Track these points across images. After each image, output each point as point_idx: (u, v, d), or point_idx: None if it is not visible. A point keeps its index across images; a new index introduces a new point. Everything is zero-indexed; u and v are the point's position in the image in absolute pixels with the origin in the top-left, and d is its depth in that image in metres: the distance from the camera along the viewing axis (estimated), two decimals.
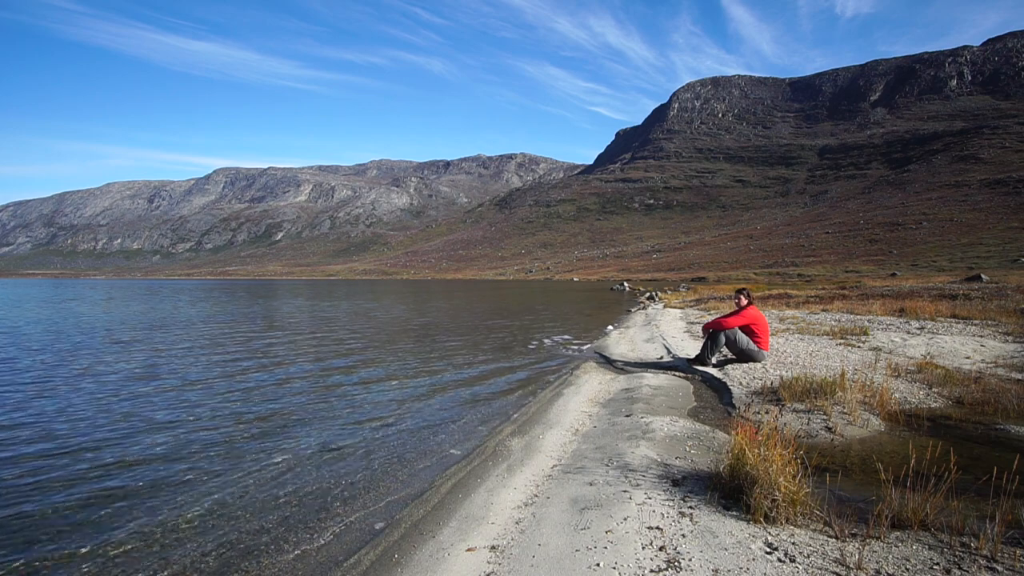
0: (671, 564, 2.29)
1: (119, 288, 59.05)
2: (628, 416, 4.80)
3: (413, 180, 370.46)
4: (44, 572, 2.69)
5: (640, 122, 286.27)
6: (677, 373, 6.97)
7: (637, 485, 3.15)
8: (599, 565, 2.34)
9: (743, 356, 6.79)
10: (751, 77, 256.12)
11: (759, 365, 6.60)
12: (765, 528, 2.55)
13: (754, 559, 2.29)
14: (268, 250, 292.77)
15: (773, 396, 5.07)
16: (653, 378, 6.57)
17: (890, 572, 2.15)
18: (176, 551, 2.86)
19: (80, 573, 2.67)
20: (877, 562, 2.22)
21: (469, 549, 2.67)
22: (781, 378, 5.50)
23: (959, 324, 9.83)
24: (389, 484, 3.70)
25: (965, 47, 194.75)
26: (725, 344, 6.82)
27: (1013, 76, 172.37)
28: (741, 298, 7.11)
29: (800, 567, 2.21)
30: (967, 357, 6.77)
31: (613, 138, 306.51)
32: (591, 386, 6.57)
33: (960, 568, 2.15)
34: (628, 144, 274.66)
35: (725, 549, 2.38)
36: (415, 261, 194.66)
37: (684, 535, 2.52)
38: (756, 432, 3.09)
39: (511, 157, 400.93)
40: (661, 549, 2.41)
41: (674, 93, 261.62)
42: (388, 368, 8.28)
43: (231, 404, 5.95)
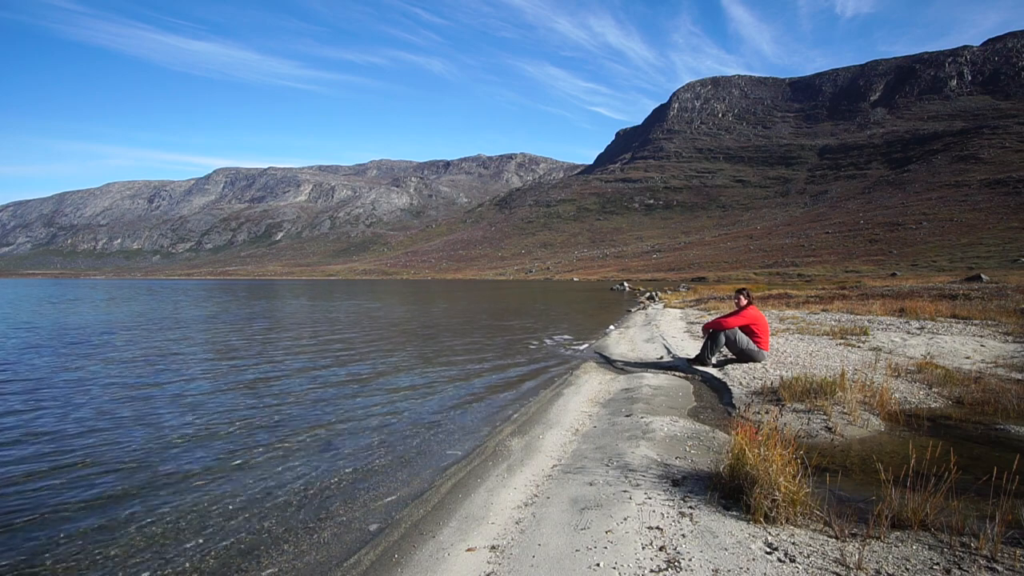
0: (671, 564, 2.29)
1: (119, 288, 59.06)
2: (628, 416, 4.80)
3: (413, 180, 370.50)
4: (44, 572, 2.69)
5: (640, 122, 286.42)
6: (677, 373, 6.97)
7: (637, 485, 3.15)
8: (599, 565, 2.34)
9: (743, 356, 6.79)
10: (751, 77, 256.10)
11: (759, 365, 6.60)
12: (765, 528, 2.55)
13: (754, 559, 2.29)
14: (268, 250, 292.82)
15: (773, 396, 5.07)
16: (653, 378, 6.57)
17: (890, 572, 2.15)
18: (176, 551, 2.86)
19: (80, 573, 2.68)
20: (877, 562, 2.22)
21: (469, 549, 2.67)
22: (781, 378, 5.50)
23: (959, 324, 9.83)
24: (389, 484, 3.70)
25: (965, 47, 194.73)
26: (725, 344, 6.82)
27: (1013, 76, 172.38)
28: (741, 298, 7.11)
29: (800, 567, 2.21)
30: (967, 357, 6.77)
31: (613, 138, 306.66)
32: (591, 386, 6.57)
33: (960, 568, 2.15)
34: (628, 144, 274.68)
35: (725, 549, 2.38)
36: (415, 261, 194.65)
37: (684, 535, 2.52)
38: (756, 432, 3.09)
39: (511, 157, 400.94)
40: (661, 549, 2.41)
41: (674, 93, 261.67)
42: (389, 368, 8.28)
43: (231, 404, 5.95)
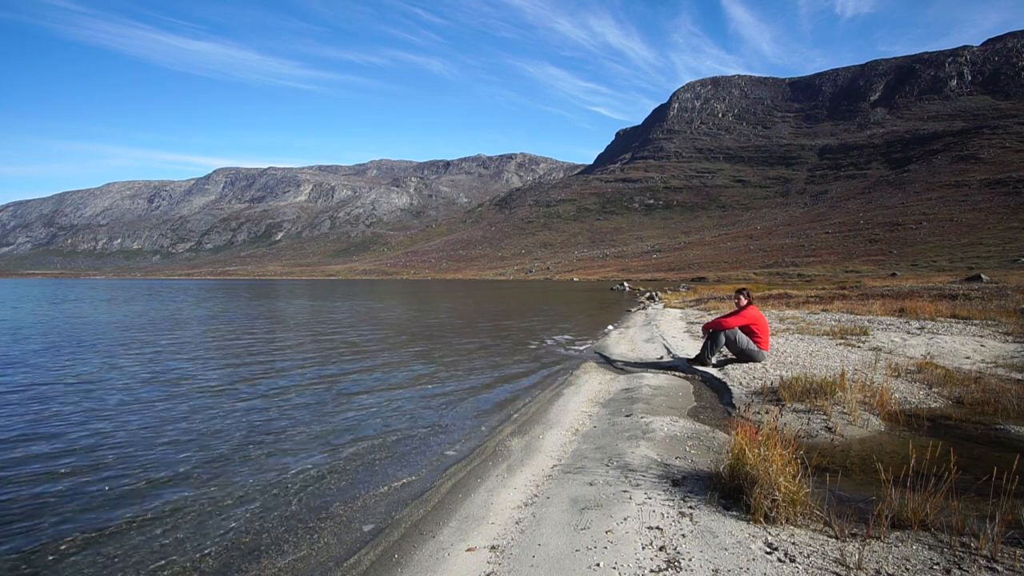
0: (671, 564, 2.29)
1: (120, 288, 59.06)
2: (628, 416, 4.80)
3: (413, 180, 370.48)
4: (44, 571, 2.70)
5: (640, 122, 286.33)
6: (677, 373, 6.97)
7: (637, 485, 3.15)
8: (599, 565, 2.34)
9: (743, 356, 6.79)
10: (751, 77, 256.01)
11: (759, 365, 6.60)
12: (765, 528, 2.55)
13: (754, 559, 2.29)
14: (268, 250, 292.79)
15: (773, 396, 5.07)
16: (653, 378, 6.57)
17: (890, 572, 2.15)
18: (176, 551, 2.86)
19: (80, 572, 2.68)
20: (877, 562, 2.22)
21: (469, 549, 2.67)
22: (781, 378, 5.50)
23: (959, 324, 9.82)
24: (389, 484, 3.70)
25: (965, 47, 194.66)
26: (725, 344, 6.82)
27: (1013, 76, 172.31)
28: (741, 298, 7.11)
29: (800, 567, 2.21)
30: (967, 357, 6.77)
31: (613, 138, 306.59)
32: (591, 386, 6.57)
33: (960, 568, 2.15)
34: (628, 144, 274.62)
35: (725, 549, 2.38)
36: (415, 261, 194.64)
37: (684, 535, 2.52)
38: (756, 432, 3.09)
39: (511, 157, 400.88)
40: (661, 549, 2.41)
41: (674, 93, 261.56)
42: (389, 368, 8.28)
43: (232, 403, 5.95)
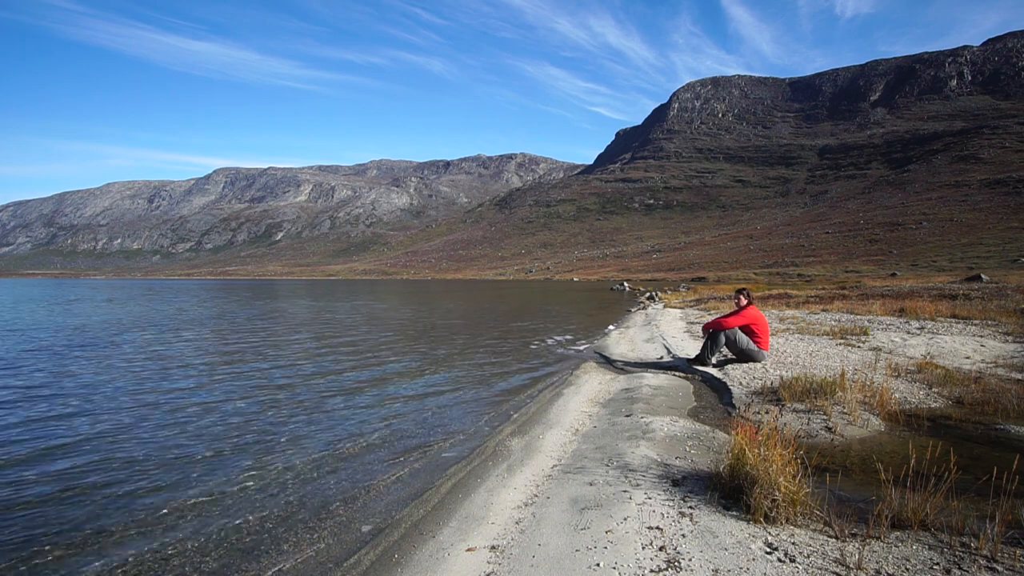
0: (671, 564, 2.29)
1: (120, 289, 59.06)
2: (628, 416, 4.80)
3: (413, 180, 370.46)
4: (45, 571, 2.69)
5: (640, 122, 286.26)
6: (677, 373, 6.97)
7: (637, 485, 3.15)
8: (599, 565, 2.34)
9: (743, 356, 6.79)
10: (751, 77, 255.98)
11: (759, 365, 6.60)
12: (765, 528, 2.55)
13: (754, 559, 2.29)
14: (268, 250, 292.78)
15: (773, 396, 5.07)
16: (653, 378, 6.57)
17: (890, 572, 2.15)
18: (176, 551, 2.86)
19: (80, 572, 2.68)
20: (877, 562, 2.22)
21: (469, 549, 2.67)
22: (781, 378, 5.50)
23: (959, 324, 9.82)
24: (389, 484, 3.70)
25: (965, 47, 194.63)
26: (725, 344, 6.82)
27: (1013, 76, 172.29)
28: (741, 298, 7.11)
29: (800, 567, 2.21)
30: (967, 357, 6.77)
31: (613, 138, 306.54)
32: (591, 386, 6.57)
33: (960, 568, 2.15)
34: (628, 144, 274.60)
35: (725, 549, 2.38)
36: (415, 261, 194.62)
37: (684, 535, 2.52)
38: (756, 432, 3.09)
39: (511, 157, 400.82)
40: (661, 549, 2.41)
41: (674, 93, 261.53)
42: (389, 368, 8.28)
43: (232, 403, 5.96)
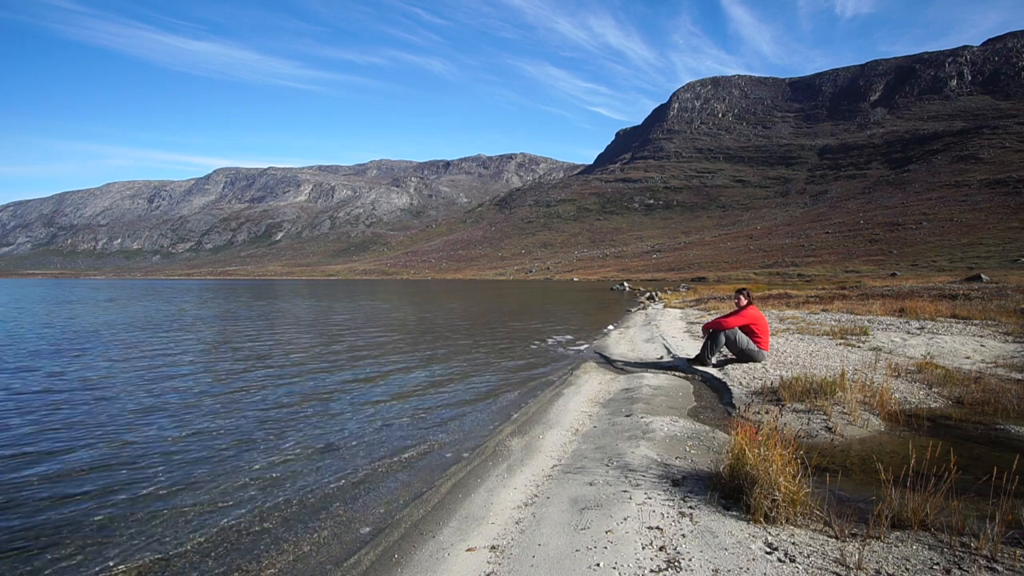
0: (671, 564, 2.29)
1: (120, 289, 59.05)
2: (628, 416, 4.81)
3: (413, 180, 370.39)
4: (45, 571, 2.69)
5: (640, 122, 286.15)
6: (677, 373, 6.97)
7: (637, 485, 3.15)
8: (599, 565, 2.34)
9: (743, 356, 6.79)
10: (751, 77, 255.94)
11: (759, 365, 6.60)
12: (765, 528, 2.55)
13: (754, 559, 2.29)
14: (268, 250, 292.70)
15: (773, 396, 5.07)
16: (653, 378, 6.57)
17: (890, 572, 2.15)
18: (176, 551, 2.86)
19: (80, 572, 2.68)
20: (877, 562, 2.22)
21: (469, 549, 2.67)
22: (781, 378, 5.50)
23: (959, 324, 9.82)
24: (389, 484, 3.70)
25: (965, 47, 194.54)
26: (725, 344, 6.82)
27: (1013, 76, 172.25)
28: (741, 298, 7.11)
29: (800, 567, 2.22)
30: (967, 357, 6.77)
31: (613, 138, 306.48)
32: (591, 386, 6.57)
33: (960, 568, 2.15)
34: (628, 144, 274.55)
35: (725, 549, 2.38)
36: (415, 261, 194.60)
37: (684, 535, 2.52)
38: (756, 432, 3.09)
39: (511, 157, 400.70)
40: (661, 549, 2.41)
41: (674, 93, 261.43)
42: (389, 368, 8.28)
43: (232, 403, 5.96)
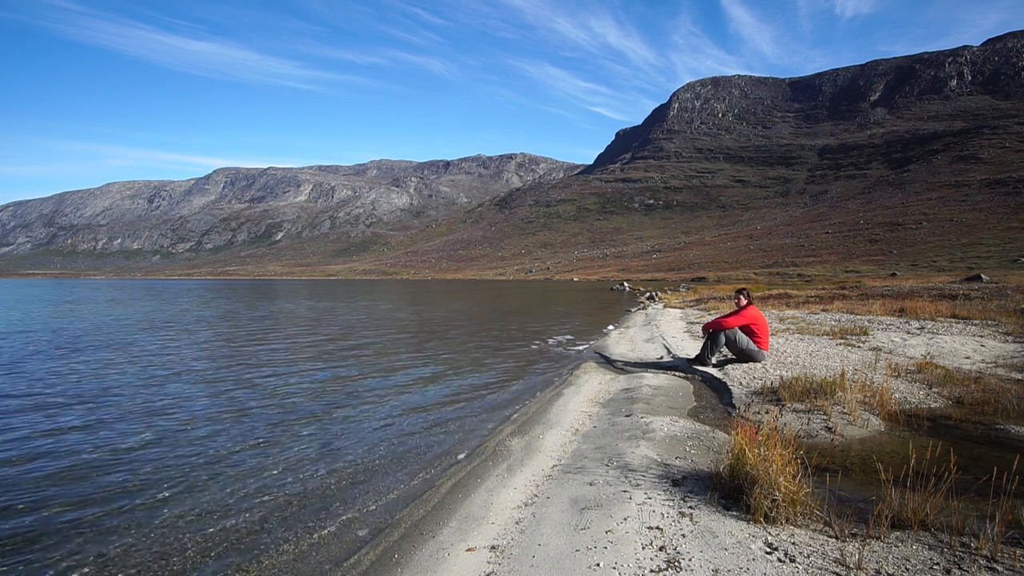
0: (671, 564, 2.29)
1: (121, 289, 59.05)
2: (628, 416, 4.81)
3: (413, 180, 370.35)
4: (44, 571, 2.69)
5: (640, 122, 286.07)
6: (677, 373, 6.97)
7: (637, 485, 3.15)
8: (599, 565, 2.34)
9: (743, 356, 6.79)
10: (751, 77, 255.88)
11: (759, 365, 6.60)
12: (765, 528, 2.55)
13: (754, 559, 2.29)
14: (268, 250, 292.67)
15: (773, 396, 5.07)
16: (653, 378, 6.57)
17: (890, 572, 2.15)
18: (176, 550, 2.86)
19: (80, 572, 2.68)
20: (877, 562, 2.22)
21: (469, 549, 2.67)
22: (781, 378, 5.50)
23: (959, 324, 9.82)
24: (389, 484, 3.70)
25: (965, 47, 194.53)
26: (725, 344, 6.82)
27: (1013, 76, 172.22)
28: (741, 298, 7.11)
29: (800, 567, 2.22)
30: (967, 357, 6.77)
31: (613, 138, 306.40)
32: (591, 386, 6.57)
33: (960, 568, 2.15)
34: (628, 144, 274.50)
35: (725, 549, 2.38)
36: (415, 261, 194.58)
37: (684, 535, 2.52)
38: (756, 432, 3.09)
39: (511, 157, 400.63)
40: (661, 549, 2.41)
41: (674, 93, 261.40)
42: (389, 368, 8.28)
43: (233, 403, 5.96)
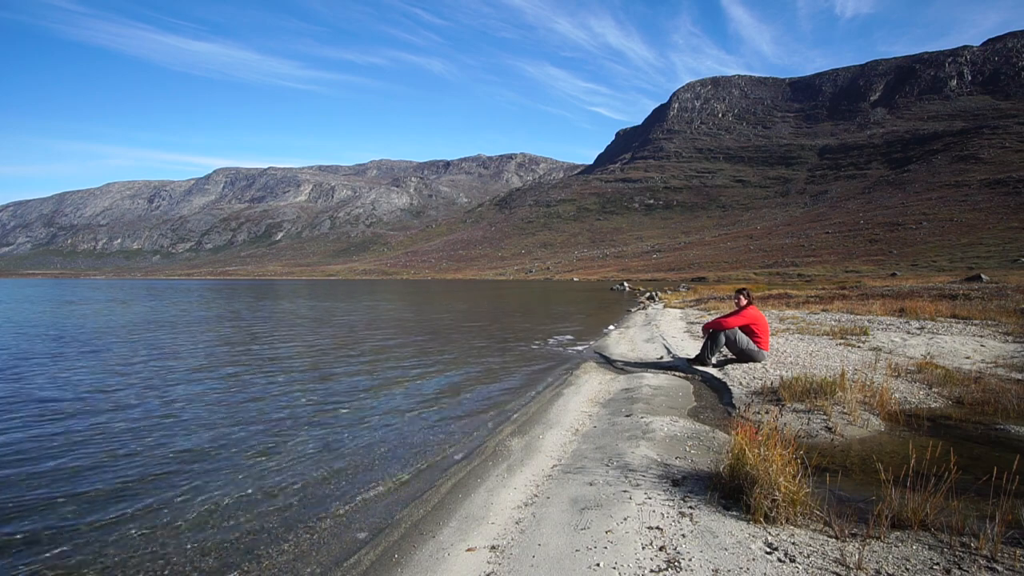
0: (671, 564, 2.29)
1: (121, 289, 59.04)
2: (628, 416, 4.80)
3: (413, 180, 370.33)
4: (43, 571, 2.69)
5: (640, 122, 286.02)
6: (677, 373, 6.97)
7: (637, 485, 3.15)
8: (599, 565, 2.34)
9: (743, 356, 6.79)
10: (751, 77, 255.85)
11: (759, 365, 6.60)
12: (765, 528, 2.55)
13: (754, 559, 2.29)
14: (268, 250, 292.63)
15: (773, 396, 5.07)
16: (653, 378, 6.57)
17: (890, 572, 2.15)
18: (176, 550, 2.86)
19: (80, 572, 2.68)
20: (877, 562, 2.22)
21: (469, 549, 2.67)
22: (781, 378, 5.50)
23: (959, 324, 9.82)
24: (389, 484, 3.70)
25: (965, 47, 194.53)
26: (725, 344, 6.82)
27: (1013, 76, 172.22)
28: (741, 298, 7.11)
29: (800, 567, 2.21)
30: (967, 357, 6.77)
31: (613, 138, 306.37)
32: (591, 386, 6.57)
33: (960, 568, 2.15)
34: (628, 144, 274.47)
35: (725, 549, 2.38)
36: (415, 261, 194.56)
37: (684, 535, 2.52)
38: (756, 432, 3.09)
39: (511, 157, 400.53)
40: (661, 549, 2.41)
41: (674, 93, 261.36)
42: (389, 368, 8.28)
43: (233, 404, 5.96)
